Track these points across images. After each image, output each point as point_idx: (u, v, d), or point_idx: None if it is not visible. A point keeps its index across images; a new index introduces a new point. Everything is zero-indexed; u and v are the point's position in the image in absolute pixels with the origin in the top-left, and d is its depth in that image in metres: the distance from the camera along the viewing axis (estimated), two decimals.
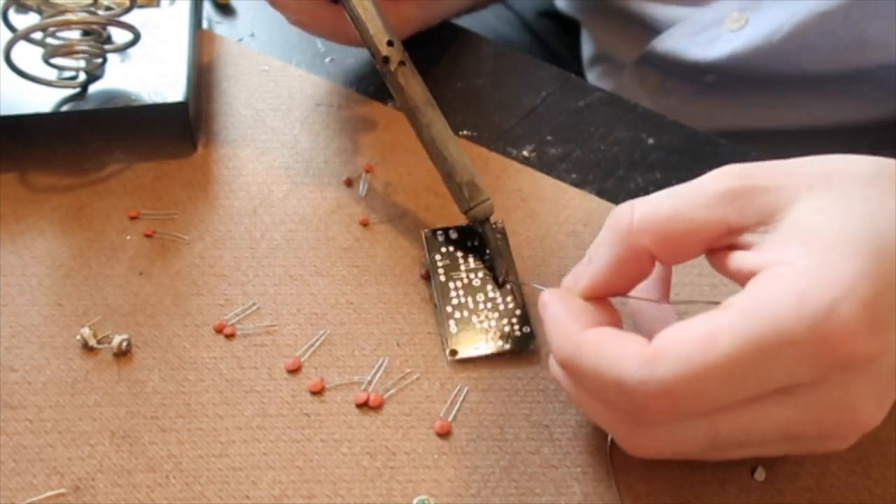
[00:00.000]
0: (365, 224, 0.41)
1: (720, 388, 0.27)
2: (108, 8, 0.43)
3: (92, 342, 0.36)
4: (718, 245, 0.30)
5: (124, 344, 0.36)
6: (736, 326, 0.26)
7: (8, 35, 0.40)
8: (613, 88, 0.60)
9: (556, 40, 0.70)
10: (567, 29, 0.69)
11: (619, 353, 0.28)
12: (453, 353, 0.36)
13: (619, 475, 0.32)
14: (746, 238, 0.29)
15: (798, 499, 0.32)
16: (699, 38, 0.54)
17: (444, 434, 0.34)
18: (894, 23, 0.48)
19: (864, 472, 0.33)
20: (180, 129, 0.43)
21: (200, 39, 0.49)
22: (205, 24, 0.51)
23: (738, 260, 0.29)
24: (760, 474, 0.32)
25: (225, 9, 0.52)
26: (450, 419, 0.34)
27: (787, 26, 0.50)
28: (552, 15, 0.70)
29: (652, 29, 0.57)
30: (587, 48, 0.66)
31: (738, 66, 0.53)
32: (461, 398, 0.35)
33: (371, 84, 0.47)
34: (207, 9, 0.52)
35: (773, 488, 0.32)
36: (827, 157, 0.31)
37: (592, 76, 0.65)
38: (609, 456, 0.33)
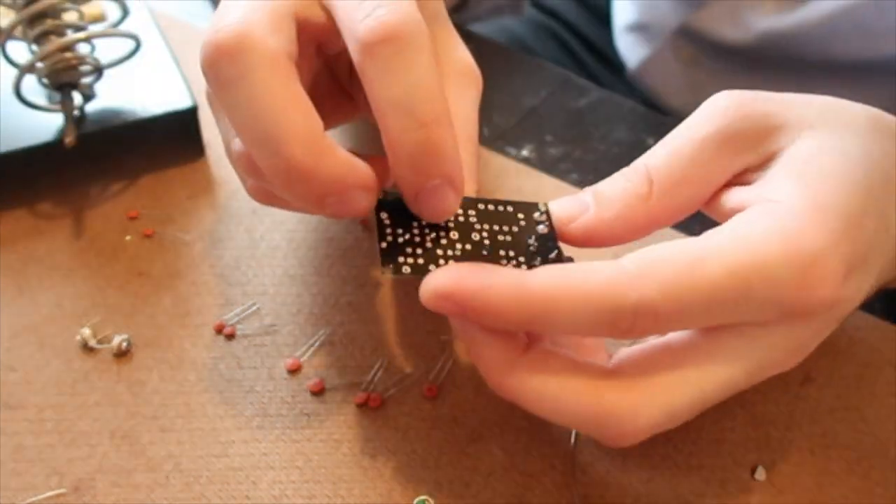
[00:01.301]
0: (365, 224, 0.41)
1: (700, 312, 0.27)
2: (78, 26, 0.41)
3: (92, 342, 0.36)
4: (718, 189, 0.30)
5: (124, 344, 0.36)
6: (724, 254, 0.27)
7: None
8: (647, 57, 0.59)
9: (578, 18, 0.69)
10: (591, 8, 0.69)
11: (591, 284, 0.26)
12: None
13: (618, 476, 0.32)
14: (748, 177, 0.30)
15: (798, 499, 0.32)
16: (735, 18, 0.54)
17: (444, 433, 0.34)
18: None
19: (864, 472, 0.33)
20: (188, 133, 0.43)
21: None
22: (205, 26, 0.52)
23: (734, 197, 0.30)
24: (760, 474, 0.32)
25: None
26: (450, 419, 0.34)
27: (819, 11, 0.49)
28: None
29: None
30: (623, 16, 0.64)
31: (768, 48, 0.52)
32: (461, 398, 0.35)
33: None
34: (208, 10, 0.52)
35: (773, 488, 0.32)
36: (825, 98, 0.31)
37: (625, 43, 0.64)
38: (609, 454, 0.33)
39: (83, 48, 0.41)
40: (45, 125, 0.41)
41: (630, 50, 0.63)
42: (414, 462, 0.33)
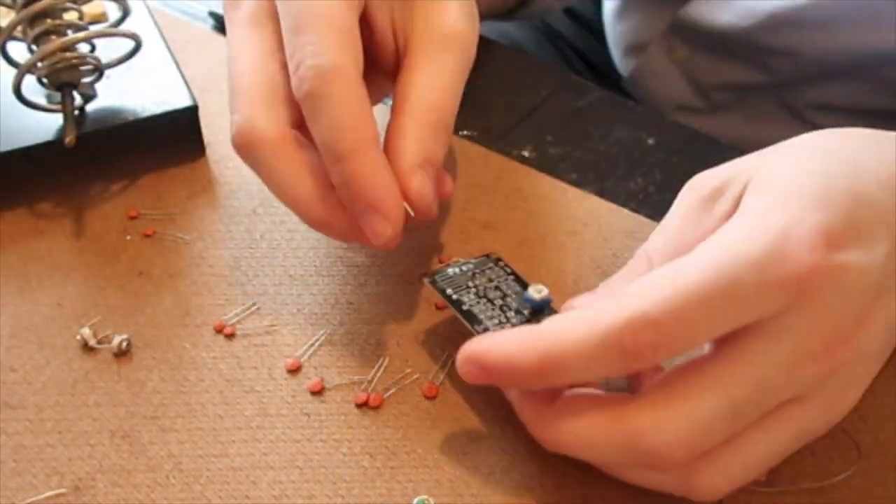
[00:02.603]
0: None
1: (700, 316, 0.27)
2: (79, 25, 0.41)
3: (92, 342, 0.36)
4: None
5: (124, 344, 0.36)
6: (698, 260, 0.28)
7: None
8: (639, 64, 0.59)
9: (569, 31, 0.69)
10: (583, 23, 0.69)
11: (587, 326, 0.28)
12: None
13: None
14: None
15: (798, 499, 0.32)
16: (732, 3, 0.53)
17: (444, 434, 0.34)
18: None
19: (864, 472, 0.33)
20: (188, 133, 0.43)
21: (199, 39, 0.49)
22: (205, 26, 0.52)
23: None
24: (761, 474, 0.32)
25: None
26: (450, 419, 0.34)
27: None
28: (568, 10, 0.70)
29: None
30: (613, 30, 0.64)
31: (764, 36, 0.52)
32: (462, 398, 0.35)
33: None
34: (206, 10, 0.52)
35: (773, 488, 0.32)
36: (777, 144, 0.33)
37: (618, 53, 0.64)
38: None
39: (83, 48, 0.41)
40: (45, 125, 0.41)
41: (622, 61, 0.63)
42: (414, 462, 0.33)
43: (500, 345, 0.29)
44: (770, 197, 0.29)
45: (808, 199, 0.29)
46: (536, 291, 0.33)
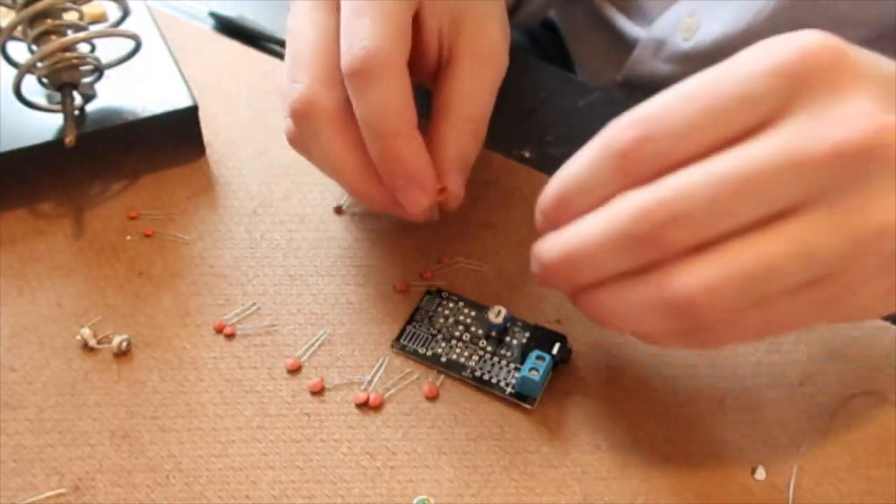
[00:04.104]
0: (344, 211, 0.41)
1: (687, 108, 0.27)
2: (79, 25, 0.41)
3: (92, 342, 0.36)
4: None
5: (124, 344, 0.36)
6: (696, 75, 0.27)
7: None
8: (628, 68, 0.59)
9: (552, 47, 0.70)
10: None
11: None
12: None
13: (618, 476, 0.32)
14: None
15: (798, 499, 0.32)
16: (661, 55, 0.54)
17: (444, 433, 0.34)
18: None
19: (864, 472, 0.33)
20: (188, 133, 0.43)
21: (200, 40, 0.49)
22: (205, 26, 0.52)
23: None
24: (761, 474, 0.32)
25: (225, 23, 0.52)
26: (450, 419, 0.34)
27: (741, 21, 0.49)
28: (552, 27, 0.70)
29: (630, 48, 0.57)
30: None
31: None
32: (462, 398, 0.35)
33: None
34: (206, 10, 0.52)
35: (773, 488, 0.32)
36: None
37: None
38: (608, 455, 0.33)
39: (83, 48, 0.41)
40: (45, 125, 0.41)
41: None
42: (414, 462, 0.33)
43: (547, 238, 0.31)
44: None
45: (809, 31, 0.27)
46: (496, 315, 0.36)
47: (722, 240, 0.27)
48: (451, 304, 0.37)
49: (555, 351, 0.35)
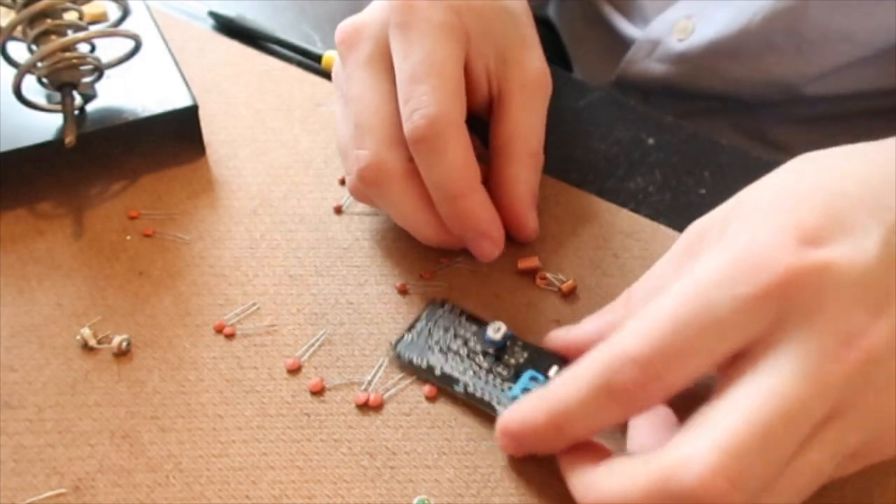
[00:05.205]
0: (341, 208, 0.41)
1: (677, 345, 0.27)
2: (78, 25, 0.41)
3: (92, 342, 0.36)
4: None
5: (124, 344, 0.36)
6: (673, 292, 0.28)
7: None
8: (624, 67, 0.59)
9: (550, 46, 0.70)
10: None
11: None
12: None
13: None
14: None
15: None
16: (655, 55, 0.54)
17: (444, 433, 0.34)
18: (860, 11, 0.47)
19: (864, 472, 0.33)
20: (188, 133, 0.43)
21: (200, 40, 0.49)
22: (205, 26, 0.52)
23: None
24: None
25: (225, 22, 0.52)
26: (450, 418, 0.34)
27: (735, 26, 0.50)
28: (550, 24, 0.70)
29: (626, 48, 0.57)
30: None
31: (699, 75, 0.53)
32: (462, 398, 0.35)
33: None
34: (206, 10, 0.52)
35: None
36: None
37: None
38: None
39: (83, 48, 0.41)
40: (45, 125, 0.41)
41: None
42: (414, 462, 0.33)
43: (516, 411, 0.31)
44: (739, 223, 0.29)
45: (774, 210, 0.28)
46: (495, 331, 0.35)
47: None
48: (451, 316, 0.37)
49: (551, 373, 0.34)
